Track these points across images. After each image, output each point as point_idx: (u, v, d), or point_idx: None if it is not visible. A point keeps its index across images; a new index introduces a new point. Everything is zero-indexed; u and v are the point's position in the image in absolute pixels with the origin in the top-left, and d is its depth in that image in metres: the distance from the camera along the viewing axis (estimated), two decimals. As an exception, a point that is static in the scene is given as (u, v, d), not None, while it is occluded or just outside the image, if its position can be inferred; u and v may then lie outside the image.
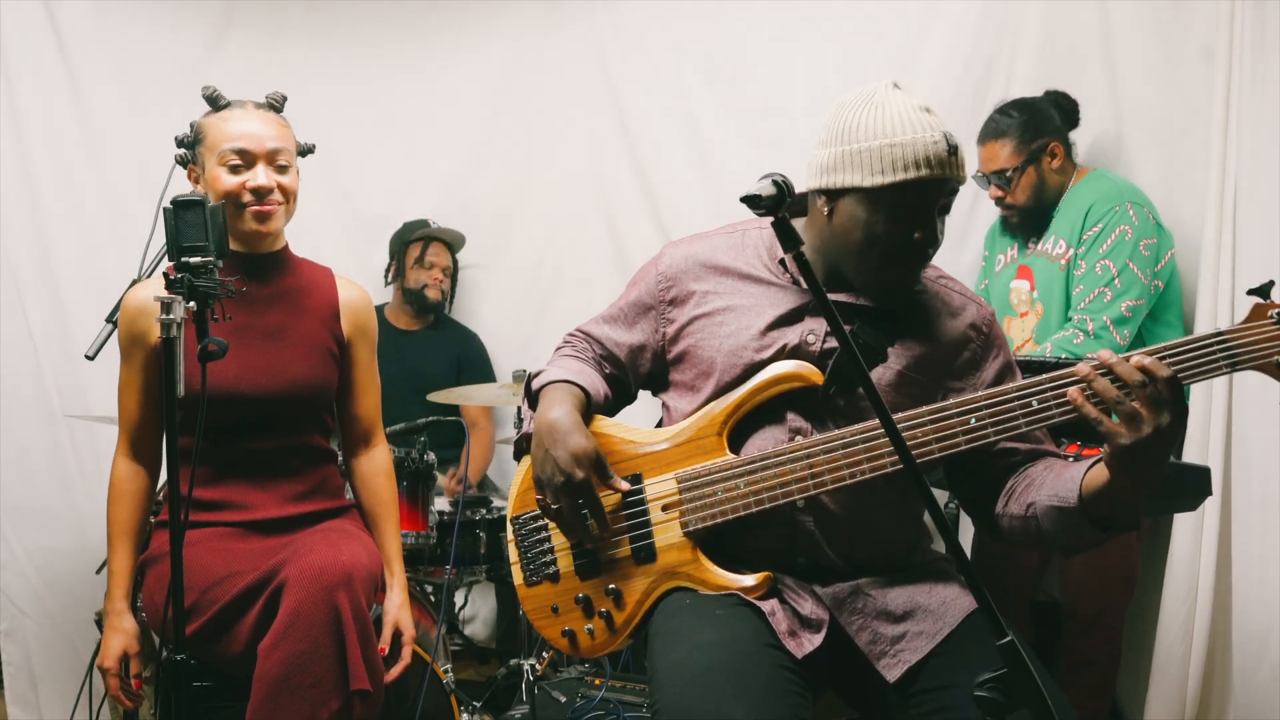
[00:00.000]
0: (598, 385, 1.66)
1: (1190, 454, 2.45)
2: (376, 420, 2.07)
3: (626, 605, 1.59)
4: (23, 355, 3.17)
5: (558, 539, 1.65)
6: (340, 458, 2.08)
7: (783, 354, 1.55)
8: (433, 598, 2.88)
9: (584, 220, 3.55)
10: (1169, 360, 1.31)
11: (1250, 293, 1.33)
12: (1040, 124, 2.58)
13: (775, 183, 1.23)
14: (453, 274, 3.59)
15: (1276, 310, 1.30)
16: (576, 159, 3.54)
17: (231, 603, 1.70)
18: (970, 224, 3.00)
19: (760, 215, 1.23)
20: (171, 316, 1.49)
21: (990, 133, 2.63)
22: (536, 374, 1.67)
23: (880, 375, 1.54)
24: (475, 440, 3.44)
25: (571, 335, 1.77)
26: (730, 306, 1.59)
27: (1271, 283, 1.33)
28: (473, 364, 3.57)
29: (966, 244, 3.00)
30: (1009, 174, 2.58)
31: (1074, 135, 2.64)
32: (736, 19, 3.25)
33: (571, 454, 1.51)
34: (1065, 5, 2.81)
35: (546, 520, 1.64)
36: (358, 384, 2.03)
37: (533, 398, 1.65)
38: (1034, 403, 1.39)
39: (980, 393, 1.43)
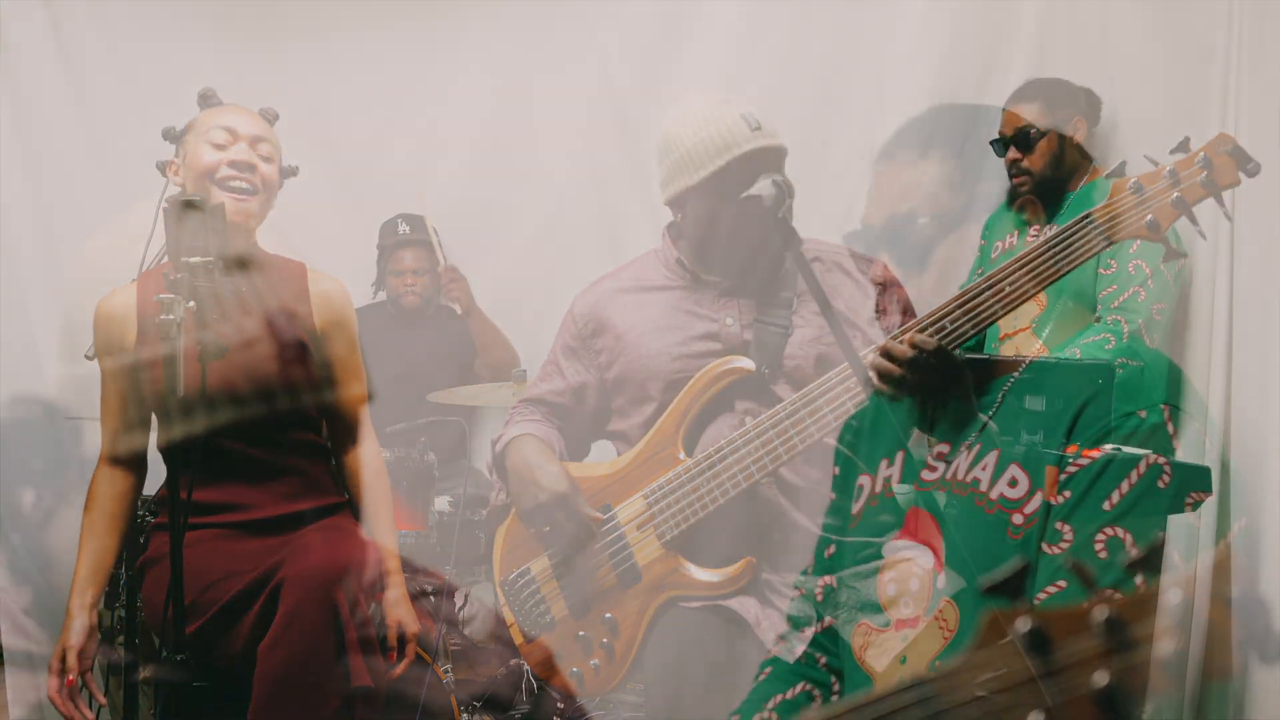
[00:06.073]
0: (551, 436, 1.78)
1: (1190, 454, 2.45)
2: (361, 414, 2.02)
3: (623, 631, 1.63)
4: (23, 355, 3.17)
5: (546, 588, 1.70)
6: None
7: (705, 340, 1.63)
8: (433, 598, 2.87)
9: (585, 216, 3.55)
10: (1054, 250, 1.37)
11: (1107, 176, 1.39)
12: (1071, 96, 2.57)
13: (775, 182, 1.24)
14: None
15: (1132, 181, 1.36)
16: (577, 156, 3.53)
17: (230, 603, 1.70)
18: (966, 215, 3.00)
19: (760, 214, 1.24)
20: (172, 317, 1.49)
21: (1017, 97, 2.58)
22: (497, 438, 1.80)
23: (801, 342, 1.63)
24: None
25: (512, 410, 1.89)
26: (647, 317, 1.70)
27: (1124, 162, 1.40)
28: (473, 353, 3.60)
29: (965, 236, 3.00)
30: (1032, 132, 2.48)
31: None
32: (737, 19, 3.25)
33: (551, 474, 1.64)
34: (1063, 5, 2.81)
35: (534, 573, 1.72)
36: (338, 378, 1.98)
37: (499, 460, 1.76)
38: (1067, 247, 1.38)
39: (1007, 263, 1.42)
